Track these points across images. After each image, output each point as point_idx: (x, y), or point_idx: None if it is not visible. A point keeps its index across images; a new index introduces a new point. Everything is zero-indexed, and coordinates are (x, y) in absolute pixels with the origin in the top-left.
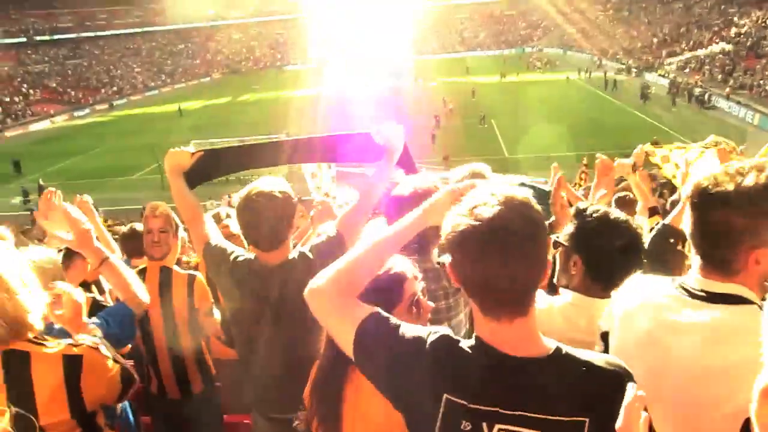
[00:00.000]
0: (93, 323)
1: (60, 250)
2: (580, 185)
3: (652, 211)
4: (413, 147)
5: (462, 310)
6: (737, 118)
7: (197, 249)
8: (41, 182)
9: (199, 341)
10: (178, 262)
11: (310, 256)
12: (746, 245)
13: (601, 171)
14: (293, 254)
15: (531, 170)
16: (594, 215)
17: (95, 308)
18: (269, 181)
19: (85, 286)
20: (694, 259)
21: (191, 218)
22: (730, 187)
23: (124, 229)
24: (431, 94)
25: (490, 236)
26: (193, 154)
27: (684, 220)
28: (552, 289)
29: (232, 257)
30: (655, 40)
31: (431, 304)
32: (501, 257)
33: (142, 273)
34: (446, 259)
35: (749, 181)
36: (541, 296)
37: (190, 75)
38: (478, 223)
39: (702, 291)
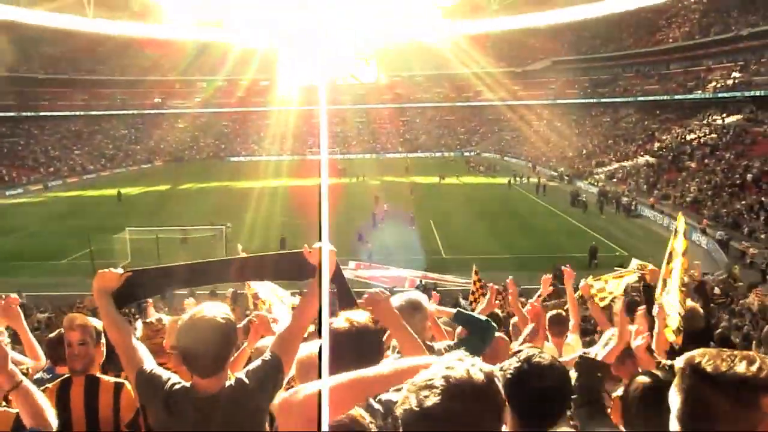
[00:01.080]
0: None
1: None
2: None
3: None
4: (344, 243)
5: None
6: (661, 226)
7: (128, 374)
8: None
9: None
10: (151, 325)
11: (247, 381)
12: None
13: (533, 317)
14: (230, 381)
15: (465, 271)
16: (519, 359)
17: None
18: (212, 307)
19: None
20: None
21: (119, 341)
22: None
23: (50, 335)
24: (371, 192)
25: (428, 426)
26: (121, 274)
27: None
28: None
29: (167, 385)
30: (584, 150)
31: None
32: None
33: (67, 382)
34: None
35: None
36: None
37: (131, 160)
38: (417, 409)
39: None
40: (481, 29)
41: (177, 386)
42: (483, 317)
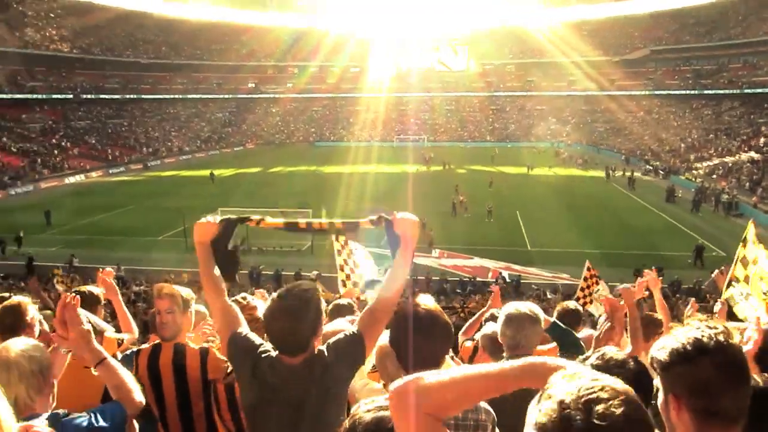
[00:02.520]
0: (80, 417)
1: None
2: (589, 293)
3: None
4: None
5: None
6: (764, 227)
7: (221, 333)
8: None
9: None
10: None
11: (326, 353)
12: None
13: (608, 312)
14: (314, 352)
15: (551, 264)
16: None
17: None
18: (296, 287)
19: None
20: None
21: (215, 299)
22: None
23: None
24: (455, 180)
25: None
26: (219, 222)
27: None
28: None
29: (257, 351)
30: (683, 144)
31: None
32: None
33: (158, 347)
34: None
35: None
36: None
37: (225, 143)
38: (597, 422)
39: None
40: (578, 16)
41: (264, 354)
42: (574, 334)
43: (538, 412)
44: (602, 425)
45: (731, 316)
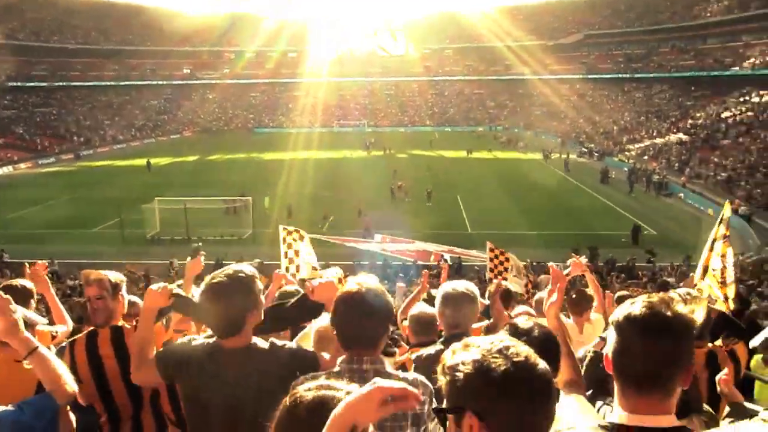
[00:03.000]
0: (5, 410)
1: None
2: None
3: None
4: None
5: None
6: (692, 206)
7: (155, 381)
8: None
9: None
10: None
11: (278, 352)
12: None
13: (554, 280)
14: (263, 344)
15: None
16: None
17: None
18: (231, 268)
19: None
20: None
21: (145, 353)
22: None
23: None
24: (395, 165)
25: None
26: (171, 296)
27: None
28: None
29: (187, 348)
30: (615, 127)
31: None
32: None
33: (93, 333)
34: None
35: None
36: None
37: (161, 131)
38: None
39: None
40: (513, 1)
41: (198, 344)
42: None
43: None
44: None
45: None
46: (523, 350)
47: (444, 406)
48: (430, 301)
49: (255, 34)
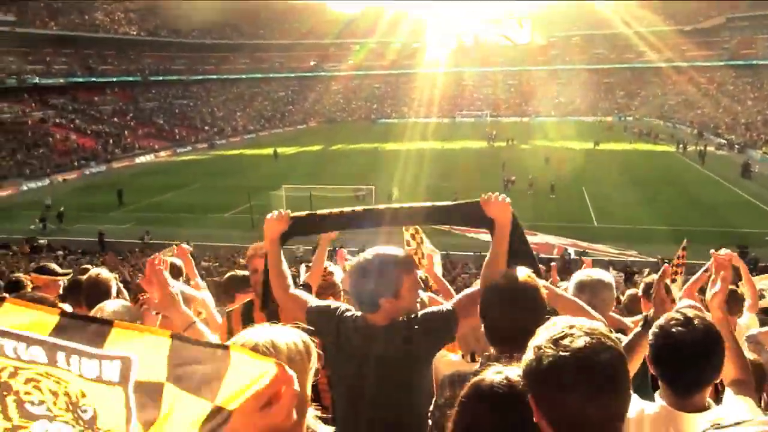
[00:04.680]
0: None
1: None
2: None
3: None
4: None
5: None
6: None
7: (298, 318)
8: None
9: None
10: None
11: (414, 324)
12: None
13: (719, 266)
14: (402, 317)
15: (619, 241)
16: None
17: None
18: (377, 249)
19: None
20: None
21: (281, 291)
22: None
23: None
24: (523, 157)
25: (581, 368)
26: (288, 218)
27: None
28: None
29: (339, 311)
30: (759, 116)
31: None
32: (593, 391)
33: (249, 306)
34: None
35: None
36: (632, 401)
37: (288, 122)
38: (566, 354)
39: None
40: None
41: (348, 313)
42: None
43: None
44: (566, 354)
45: None
46: (582, 340)
47: None
48: None
49: (376, 25)
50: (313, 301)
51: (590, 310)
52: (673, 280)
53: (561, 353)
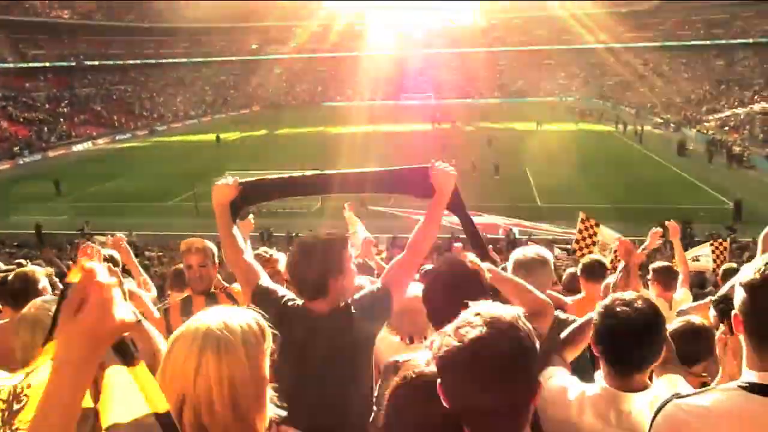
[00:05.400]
0: None
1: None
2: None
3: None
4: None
5: None
6: None
7: (244, 291)
8: None
9: None
10: (260, 256)
11: (353, 307)
12: None
13: (623, 255)
14: (342, 302)
15: (562, 220)
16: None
17: None
18: (317, 231)
19: None
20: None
21: (233, 257)
22: None
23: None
24: (469, 138)
25: (474, 358)
26: (237, 185)
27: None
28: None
29: (282, 300)
30: (693, 96)
31: None
32: (486, 381)
33: (187, 302)
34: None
35: None
36: (573, 384)
37: (230, 107)
38: (460, 344)
39: None
40: None
41: (290, 303)
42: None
43: None
44: (460, 344)
45: None
46: (478, 330)
47: None
48: None
49: (320, 7)
50: (264, 279)
51: (534, 290)
52: (582, 256)
53: (456, 342)
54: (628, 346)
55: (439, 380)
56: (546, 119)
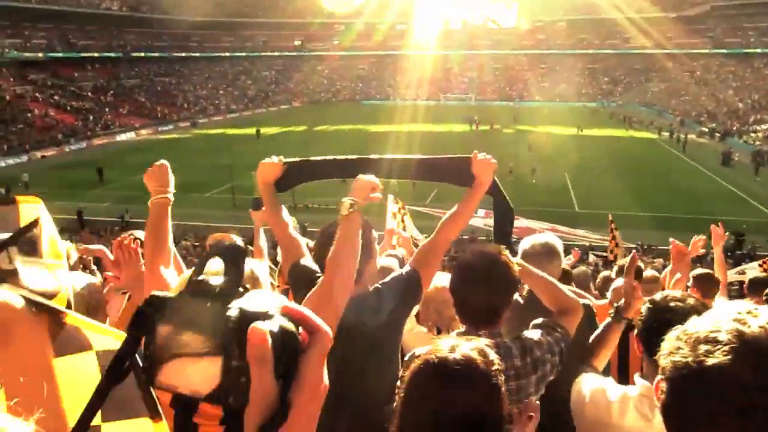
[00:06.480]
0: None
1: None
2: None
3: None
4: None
5: (532, 391)
6: None
7: (284, 267)
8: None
9: None
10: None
11: (382, 290)
12: None
13: (675, 256)
14: (371, 287)
15: (600, 227)
16: (665, 304)
17: None
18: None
19: None
20: None
21: (281, 232)
22: None
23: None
24: (506, 142)
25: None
26: (282, 164)
27: None
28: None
29: (314, 276)
30: (741, 105)
31: None
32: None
33: None
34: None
35: None
36: (612, 386)
37: (271, 101)
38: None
39: None
40: None
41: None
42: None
43: None
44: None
45: None
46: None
47: None
48: None
49: (364, 6)
50: (306, 257)
51: (563, 287)
52: (613, 261)
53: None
54: None
55: None
56: (588, 124)
